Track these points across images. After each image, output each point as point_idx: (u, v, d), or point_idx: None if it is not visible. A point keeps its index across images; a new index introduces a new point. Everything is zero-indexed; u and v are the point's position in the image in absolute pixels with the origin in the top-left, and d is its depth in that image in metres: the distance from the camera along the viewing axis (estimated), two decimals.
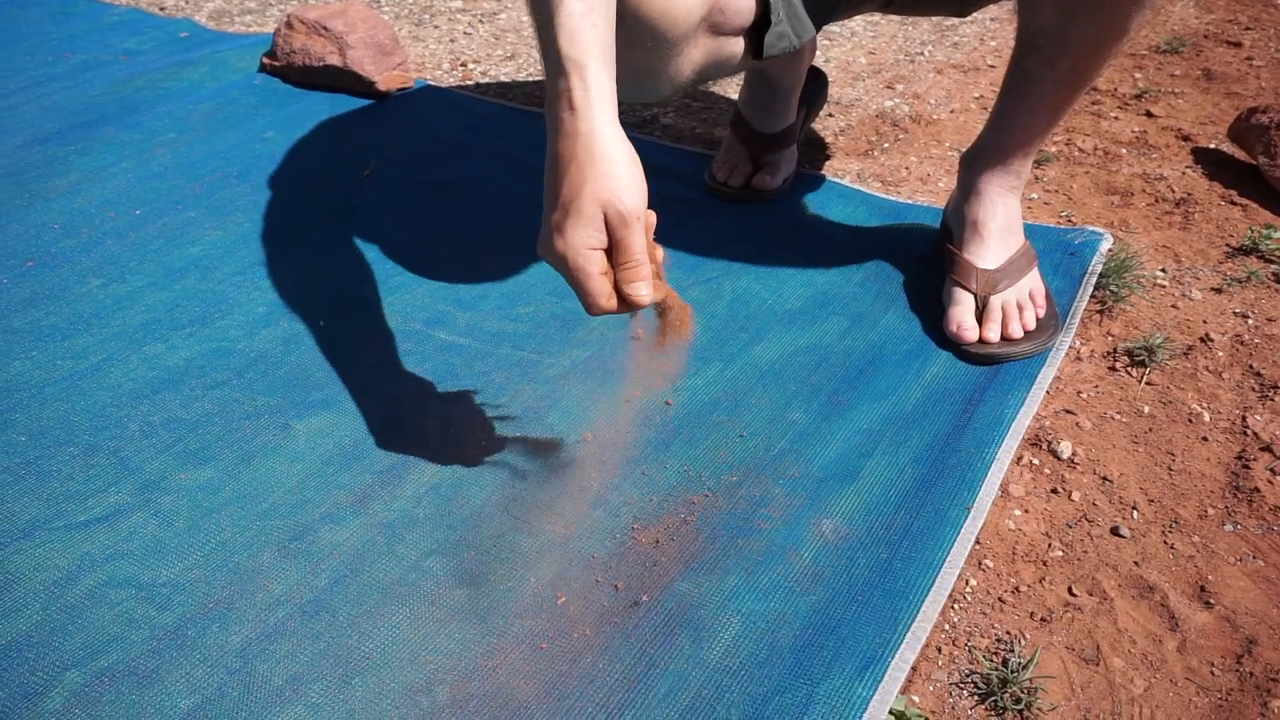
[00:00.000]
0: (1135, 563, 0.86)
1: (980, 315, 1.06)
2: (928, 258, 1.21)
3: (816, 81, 1.43)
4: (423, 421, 0.97)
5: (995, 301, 1.06)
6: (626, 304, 0.72)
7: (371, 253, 1.23)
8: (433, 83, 1.72)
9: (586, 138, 0.70)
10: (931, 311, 1.12)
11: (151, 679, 0.74)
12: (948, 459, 0.93)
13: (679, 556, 0.84)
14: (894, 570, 0.82)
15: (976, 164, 1.11)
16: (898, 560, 0.83)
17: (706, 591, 0.81)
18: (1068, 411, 1.00)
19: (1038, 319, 1.07)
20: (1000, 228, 1.09)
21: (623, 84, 0.86)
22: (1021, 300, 1.07)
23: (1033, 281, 1.09)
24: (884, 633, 0.77)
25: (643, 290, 0.72)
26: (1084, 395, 1.03)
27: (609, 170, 0.70)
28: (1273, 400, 1.00)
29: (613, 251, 0.72)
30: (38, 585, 0.81)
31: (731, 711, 0.72)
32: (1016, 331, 1.05)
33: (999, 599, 0.83)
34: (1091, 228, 1.26)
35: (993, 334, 1.05)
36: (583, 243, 0.70)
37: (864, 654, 0.75)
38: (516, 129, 1.54)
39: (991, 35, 1.96)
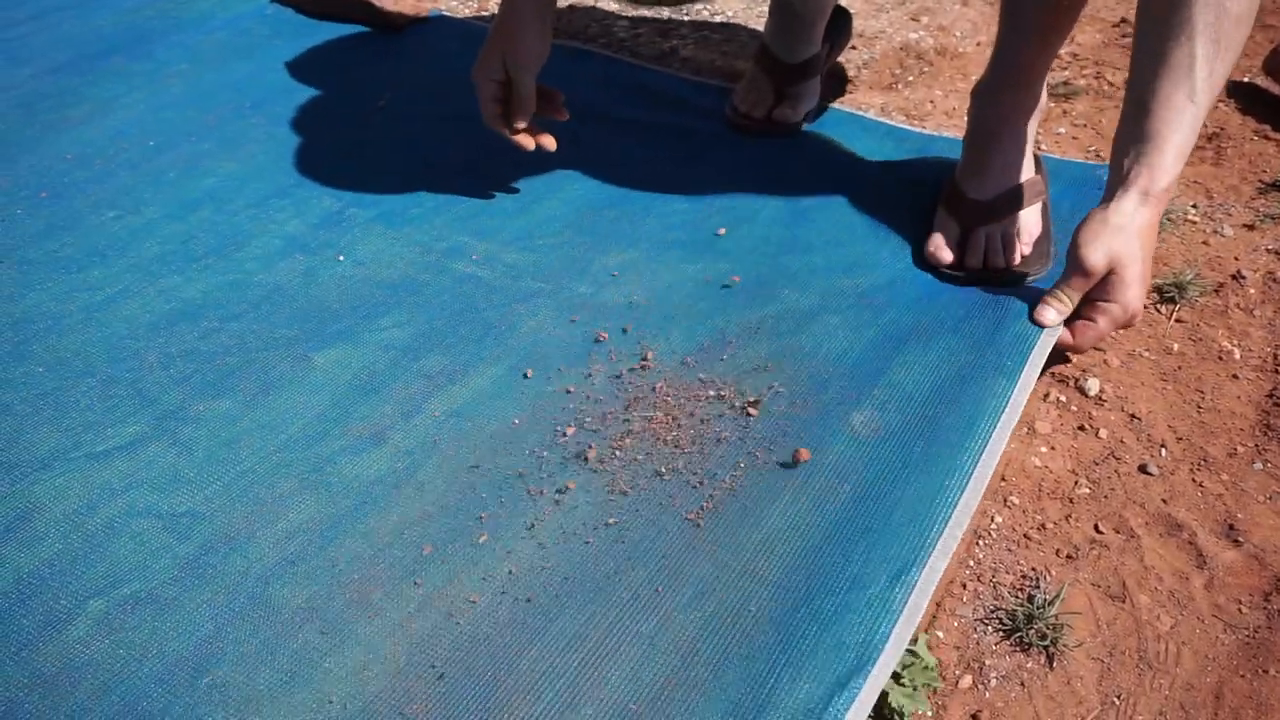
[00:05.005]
0: (1163, 500, 0.85)
1: (964, 244, 1.05)
2: None
3: (841, 17, 1.40)
4: (441, 353, 0.96)
5: (979, 233, 1.05)
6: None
7: (387, 184, 1.21)
8: (448, 13, 1.68)
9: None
10: None
11: (173, 606, 0.74)
12: (983, 349, 0.92)
13: (705, 461, 0.84)
14: (927, 464, 0.81)
15: (982, 97, 1.09)
16: (931, 453, 0.82)
17: (736, 496, 0.81)
18: (1096, 348, 0.99)
19: (1023, 255, 1.05)
20: (999, 162, 1.07)
21: None
22: (1007, 235, 1.05)
23: (1027, 218, 1.06)
24: (920, 533, 0.76)
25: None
26: (1112, 332, 1.01)
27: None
28: None
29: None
30: (59, 514, 0.81)
31: (761, 616, 0.72)
32: (997, 264, 1.04)
33: (1025, 535, 0.82)
34: None
35: (971, 262, 1.04)
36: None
37: (896, 560, 0.74)
38: None
39: None
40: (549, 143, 1.13)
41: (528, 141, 1.12)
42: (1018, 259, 1.04)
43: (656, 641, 0.71)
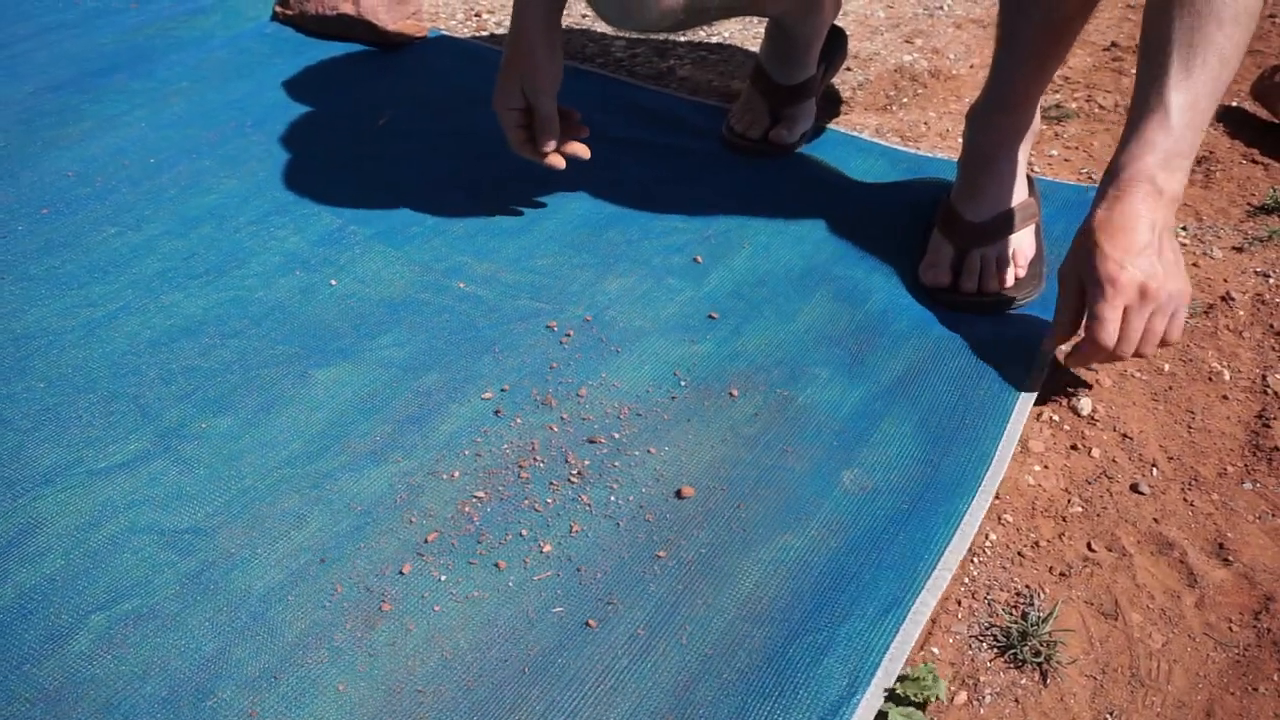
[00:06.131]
0: (1154, 519, 0.86)
1: (959, 266, 1.07)
2: None
3: (837, 39, 1.41)
4: (440, 372, 0.97)
5: (975, 255, 1.06)
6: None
7: (387, 202, 1.22)
8: (447, 33, 1.70)
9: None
10: None
11: (175, 623, 0.75)
12: (968, 408, 0.92)
13: (699, 507, 0.84)
14: (914, 520, 0.82)
15: (977, 119, 1.10)
16: (919, 510, 0.83)
17: (726, 541, 0.81)
18: (1088, 368, 1.00)
19: (1017, 278, 1.06)
20: (995, 184, 1.08)
21: (610, 6, 1.09)
22: (1002, 257, 1.06)
23: (1021, 240, 1.08)
24: (904, 578, 0.78)
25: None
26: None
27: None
28: None
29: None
30: (61, 530, 0.82)
31: (753, 656, 0.72)
32: (992, 287, 1.05)
33: (1018, 553, 0.83)
34: None
35: (966, 285, 1.05)
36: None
37: (884, 598, 0.76)
38: None
39: None
40: (582, 151, 1.15)
41: (558, 161, 1.14)
42: (1012, 281, 1.05)
43: (653, 681, 0.72)
